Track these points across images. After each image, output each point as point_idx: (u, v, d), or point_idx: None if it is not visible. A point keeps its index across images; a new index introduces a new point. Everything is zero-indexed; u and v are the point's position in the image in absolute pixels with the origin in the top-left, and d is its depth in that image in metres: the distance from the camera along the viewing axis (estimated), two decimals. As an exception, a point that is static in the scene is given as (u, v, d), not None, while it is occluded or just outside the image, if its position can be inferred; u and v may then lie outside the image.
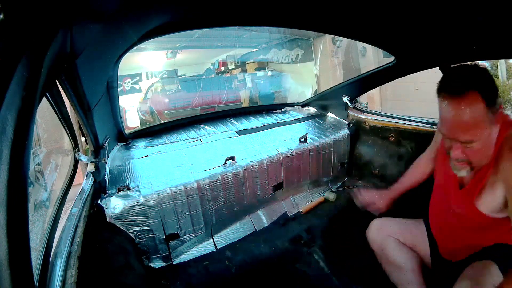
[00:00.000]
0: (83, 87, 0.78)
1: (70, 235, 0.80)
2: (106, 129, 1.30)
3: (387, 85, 1.69)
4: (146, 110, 6.71)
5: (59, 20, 0.47)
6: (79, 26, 0.55)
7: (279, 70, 7.71)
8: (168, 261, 1.30)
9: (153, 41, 5.69)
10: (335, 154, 1.82)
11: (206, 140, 1.70)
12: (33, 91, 0.39)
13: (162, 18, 0.83)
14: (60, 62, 0.56)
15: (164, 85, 6.72)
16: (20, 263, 0.35)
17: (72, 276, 0.68)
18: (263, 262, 1.34)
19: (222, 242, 1.43)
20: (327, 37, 5.79)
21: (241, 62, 8.60)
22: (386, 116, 1.78)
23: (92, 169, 1.17)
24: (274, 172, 1.55)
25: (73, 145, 1.09)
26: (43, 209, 1.21)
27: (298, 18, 1.02)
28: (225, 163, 1.41)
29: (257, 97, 7.04)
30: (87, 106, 0.89)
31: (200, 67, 9.72)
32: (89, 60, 0.75)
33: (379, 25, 1.04)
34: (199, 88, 6.39)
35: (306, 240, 1.45)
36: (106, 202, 1.14)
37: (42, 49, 0.42)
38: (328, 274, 1.26)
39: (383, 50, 1.42)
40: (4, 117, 0.33)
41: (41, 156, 1.83)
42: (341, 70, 5.83)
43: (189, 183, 1.28)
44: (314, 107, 2.26)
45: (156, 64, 8.45)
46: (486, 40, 0.97)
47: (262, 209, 1.61)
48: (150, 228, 1.22)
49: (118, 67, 1.14)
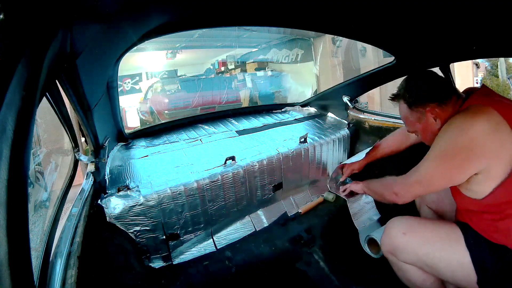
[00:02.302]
0: (83, 87, 0.78)
1: (70, 235, 0.80)
2: (106, 129, 1.30)
3: (387, 85, 1.69)
4: (146, 110, 6.72)
5: (59, 20, 0.47)
6: (79, 26, 0.55)
7: (279, 70, 7.72)
8: (168, 261, 1.30)
9: (153, 41, 5.70)
10: (335, 154, 1.82)
11: (206, 140, 1.70)
12: (33, 91, 0.39)
13: (162, 18, 0.83)
14: (60, 62, 0.56)
15: (164, 85, 6.73)
16: (20, 263, 0.35)
17: (72, 276, 0.68)
18: (263, 262, 1.34)
19: (222, 242, 1.43)
20: (327, 37, 5.80)
21: (241, 62, 8.61)
22: (386, 116, 1.78)
23: (92, 169, 1.17)
24: (274, 172, 1.55)
25: (73, 145, 1.08)
26: (43, 209, 1.21)
27: (298, 18, 1.02)
28: (225, 163, 1.41)
29: (257, 97, 7.05)
30: (87, 106, 0.89)
31: (200, 67, 9.73)
32: (89, 60, 0.75)
33: (379, 25, 1.04)
34: (199, 88, 6.40)
35: (306, 240, 1.45)
36: (106, 202, 1.14)
37: (42, 49, 0.42)
38: (328, 274, 1.26)
39: (383, 50, 1.42)
40: (4, 117, 0.33)
41: (41, 156, 1.83)
42: (341, 70, 5.83)
43: (189, 183, 1.28)
44: (314, 107, 2.26)
45: (156, 64, 8.47)
46: (485, 39, 0.97)
47: (262, 209, 1.61)
48: (150, 228, 1.22)
49: (118, 67, 1.14)
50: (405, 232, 0.92)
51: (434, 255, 0.86)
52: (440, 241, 0.87)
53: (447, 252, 0.85)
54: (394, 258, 0.95)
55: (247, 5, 0.83)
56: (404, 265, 0.94)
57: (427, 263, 0.88)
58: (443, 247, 0.86)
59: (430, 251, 0.87)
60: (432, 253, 0.86)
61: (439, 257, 0.86)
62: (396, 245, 0.92)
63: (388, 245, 0.95)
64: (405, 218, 0.97)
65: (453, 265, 0.84)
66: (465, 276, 0.82)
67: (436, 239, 0.88)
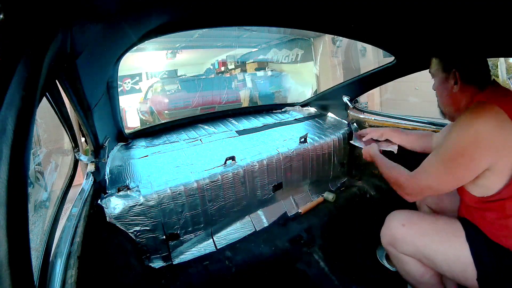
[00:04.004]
0: (83, 87, 0.78)
1: (70, 235, 0.80)
2: (106, 129, 1.30)
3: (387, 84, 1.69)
4: (146, 110, 6.72)
5: (59, 20, 0.47)
6: (79, 26, 0.55)
7: (279, 70, 7.72)
8: (168, 261, 1.30)
9: (153, 41, 5.71)
10: (335, 154, 1.82)
11: (206, 140, 1.70)
12: (33, 91, 0.39)
13: (162, 18, 0.83)
14: (60, 62, 0.56)
15: (164, 85, 6.72)
16: (20, 263, 0.35)
17: (72, 276, 0.68)
18: (263, 262, 1.34)
19: (222, 242, 1.43)
20: (327, 37, 5.80)
21: (241, 62, 8.61)
22: (386, 116, 1.78)
23: (92, 169, 1.17)
24: (274, 172, 1.55)
25: (73, 145, 1.08)
26: (43, 209, 1.21)
27: (298, 18, 1.02)
28: (225, 163, 1.41)
29: (257, 97, 7.05)
30: (87, 106, 0.89)
31: (200, 67, 9.74)
32: (89, 60, 0.75)
33: (379, 25, 1.04)
34: (199, 88, 6.39)
35: (306, 240, 1.45)
36: (106, 202, 1.14)
37: (42, 49, 0.42)
38: (328, 274, 1.26)
39: (383, 50, 1.42)
40: (4, 117, 0.33)
41: (41, 156, 1.83)
42: (341, 70, 5.83)
43: (189, 183, 1.28)
44: (314, 107, 2.26)
45: (156, 64, 8.47)
46: (485, 39, 0.97)
47: (262, 209, 1.61)
48: (150, 228, 1.22)
49: (118, 67, 1.14)
50: (405, 224, 0.93)
51: (432, 247, 0.87)
52: (439, 234, 0.88)
53: (446, 245, 0.86)
54: (394, 250, 0.96)
55: (247, 5, 0.83)
56: (404, 257, 0.94)
57: (425, 255, 0.89)
58: (442, 240, 0.86)
59: (428, 243, 0.88)
60: (431, 245, 0.87)
61: (437, 249, 0.86)
62: (396, 236, 0.94)
63: (388, 236, 0.96)
64: (405, 211, 0.98)
65: (451, 259, 0.84)
66: (462, 271, 0.83)
67: (436, 232, 0.89)
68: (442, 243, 0.86)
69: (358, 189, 1.90)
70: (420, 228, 0.91)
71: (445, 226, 0.89)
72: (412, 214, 0.97)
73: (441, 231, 0.88)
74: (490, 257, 0.80)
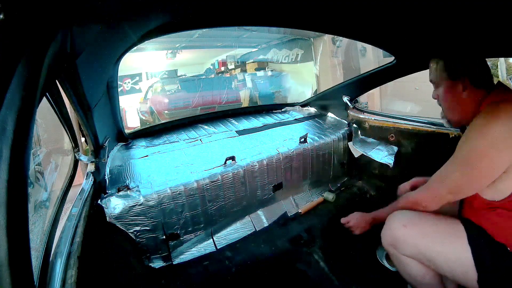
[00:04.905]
0: (83, 87, 0.78)
1: (70, 235, 0.80)
2: (106, 129, 1.30)
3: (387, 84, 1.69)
4: (146, 110, 6.72)
5: (59, 20, 0.47)
6: (79, 26, 0.55)
7: (279, 70, 7.72)
8: (168, 261, 1.30)
9: (153, 41, 5.71)
10: (335, 154, 1.82)
11: (206, 140, 1.70)
12: (33, 91, 0.39)
13: (162, 18, 0.83)
14: (60, 62, 0.56)
15: (164, 85, 6.72)
16: (20, 263, 0.35)
17: (72, 276, 0.68)
18: (263, 262, 1.34)
19: (222, 242, 1.43)
20: (327, 37, 5.80)
21: (241, 62, 8.61)
22: (386, 116, 1.78)
23: (92, 169, 1.17)
24: (274, 172, 1.55)
25: (73, 145, 1.08)
26: (43, 209, 1.21)
27: (298, 18, 1.02)
28: (225, 163, 1.41)
29: (257, 97, 7.04)
30: (87, 106, 0.89)
31: (200, 67, 9.74)
32: (89, 60, 0.75)
33: (379, 25, 1.04)
34: (199, 88, 6.39)
35: (306, 240, 1.45)
36: (106, 202, 1.14)
37: (42, 49, 0.42)
38: (328, 274, 1.26)
39: (383, 50, 1.42)
40: (4, 117, 0.33)
41: (41, 156, 1.83)
42: (341, 70, 5.84)
43: (189, 183, 1.28)
44: (314, 107, 2.26)
45: (156, 64, 8.46)
46: (486, 39, 0.97)
47: (262, 209, 1.61)
48: (150, 228, 1.22)
49: (118, 67, 1.14)
50: (406, 225, 0.91)
51: (434, 248, 0.86)
52: (441, 235, 0.86)
53: (447, 246, 0.84)
54: (395, 251, 0.95)
55: (247, 5, 0.83)
56: (405, 259, 0.93)
57: (426, 256, 0.88)
58: (444, 241, 0.85)
59: (430, 244, 0.86)
60: (432, 246, 0.86)
61: (438, 250, 0.85)
62: (397, 237, 0.92)
63: (389, 236, 0.95)
64: (406, 212, 0.97)
65: (452, 260, 0.83)
66: (463, 272, 0.81)
67: (437, 233, 0.87)
68: (444, 244, 0.85)
69: (358, 189, 1.90)
70: (421, 229, 0.89)
71: (446, 227, 0.88)
72: (413, 215, 0.95)
73: (443, 232, 0.87)
74: (491, 259, 0.79)
